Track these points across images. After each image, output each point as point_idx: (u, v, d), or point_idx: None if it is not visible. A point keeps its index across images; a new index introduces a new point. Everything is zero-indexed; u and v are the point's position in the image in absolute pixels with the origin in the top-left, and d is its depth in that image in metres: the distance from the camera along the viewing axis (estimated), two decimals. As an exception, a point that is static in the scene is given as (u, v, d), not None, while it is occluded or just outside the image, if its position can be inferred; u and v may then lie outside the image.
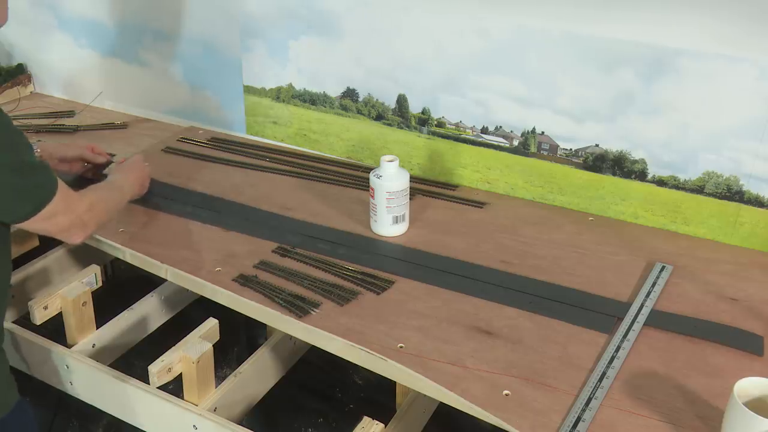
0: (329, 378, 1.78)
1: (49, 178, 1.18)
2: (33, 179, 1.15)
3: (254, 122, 1.95)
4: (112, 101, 2.13)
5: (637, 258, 1.44)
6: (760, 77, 1.34)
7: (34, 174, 1.16)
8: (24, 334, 1.48)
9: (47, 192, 1.17)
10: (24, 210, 1.16)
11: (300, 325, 1.26)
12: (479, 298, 1.32)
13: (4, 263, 1.23)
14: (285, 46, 1.81)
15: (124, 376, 1.40)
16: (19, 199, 1.15)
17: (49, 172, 1.19)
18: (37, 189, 1.17)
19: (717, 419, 1.01)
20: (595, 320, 1.27)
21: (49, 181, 1.18)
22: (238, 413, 1.44)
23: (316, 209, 1.61)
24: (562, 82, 1.52)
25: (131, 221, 1.55)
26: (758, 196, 1.43)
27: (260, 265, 1.41)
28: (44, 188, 1.17)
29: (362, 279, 1.37)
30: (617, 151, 1.53)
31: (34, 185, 1.16)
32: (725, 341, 1.21)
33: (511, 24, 1.53)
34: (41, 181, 1.17)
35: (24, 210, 1.16)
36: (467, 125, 1.67)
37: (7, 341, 1.46)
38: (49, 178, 1.18)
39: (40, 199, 1.17)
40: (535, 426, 1.06)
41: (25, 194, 1.15)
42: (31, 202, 1.16)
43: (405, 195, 1.48)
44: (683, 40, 1.38)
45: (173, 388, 1.39)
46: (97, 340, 1.51)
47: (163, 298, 1.65)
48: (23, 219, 1.17)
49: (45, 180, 1.18)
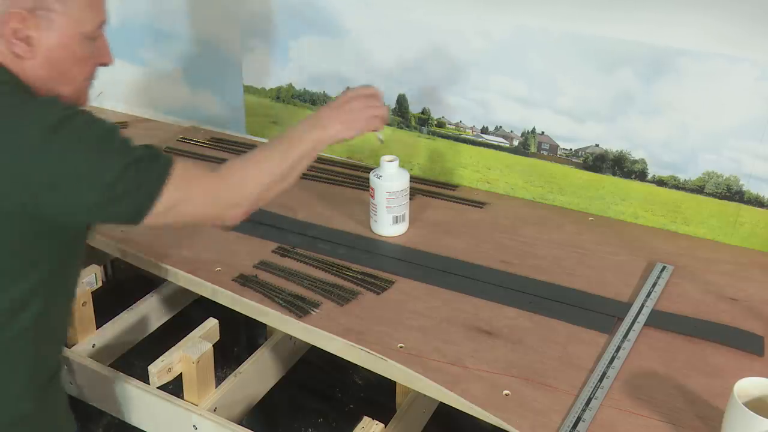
0: (329, 378, 1.78)
1: (149, 174, 1.01)
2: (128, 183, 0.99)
3: (254, 122, 1.95)
4: (112, 101, 2.13)
5: (637, 258, 1.44)
6: (760, 77, 1.34)
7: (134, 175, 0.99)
8: (24, 334, 1.48)
9: (149, 189, 1.01)
10: (126, 216, 1.01)
11: (300, 325, 1.26)
12: (479, 298, 1.32)
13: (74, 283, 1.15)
14: (285, 46, 1.81)
15: (124, 376, 1.40)
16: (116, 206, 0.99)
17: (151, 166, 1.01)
18: (134, 192, 1.00)
19: (717, 419, 1.01)
20: (595, 320, 1.27)
21: (150, 177, 1.01)
22: (238, 413, 1.44)
23: (316, 209, 1.61)
24: (562, 82, 1.52)
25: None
26: (758, 196, 1.43)
27: (260, 265, 1.41)
28: (143, 188, 1.00)
29: (362, 279, 1.37)
30: (617, 151, 1.53)
31: (129, 190, 0.99)
32: (725, 341, 1.21)
33: (511, 24, 1.53)
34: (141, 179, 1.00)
35: (126, 216, 1.01)
36: (467, 125, 1.67)
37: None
38: (149, 175, 1.01)
39: (141, 201, 1.01)
40: (535, 426, 1.06)
41: (121, 202, 0.99)
42: (132, 207, 1.00)
43: (405, 195, 1.48)
44: (683, 40, 1.38)
45: (173, 388, 1.39)
46: (97, 340, 1.51)
47: (163, 298, 1.65)
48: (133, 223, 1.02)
49: (145, 177, 1.00)
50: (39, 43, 1.02)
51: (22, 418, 1.08)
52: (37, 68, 1.03)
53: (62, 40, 1.03)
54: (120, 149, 1.00)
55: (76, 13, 1.03)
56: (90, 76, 1.11)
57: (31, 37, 1.01)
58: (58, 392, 1.16)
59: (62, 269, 1.09)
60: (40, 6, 1.00)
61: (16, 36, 1.00)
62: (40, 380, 1.10)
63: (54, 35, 1.02)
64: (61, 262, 1.08)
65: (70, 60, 1.05)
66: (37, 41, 1.01)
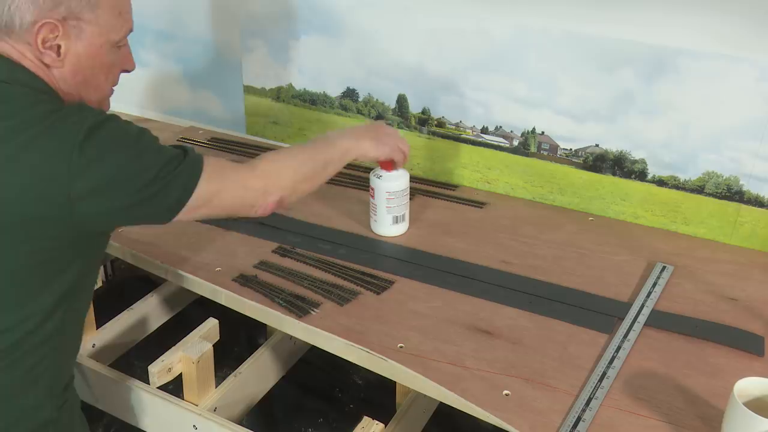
0: (329, 378, 1.78)
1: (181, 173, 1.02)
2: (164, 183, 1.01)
3: (254, 122, 1.95)
4: (113, 101, 2.12)
5: (637, 258, 1.44)
6: (760, 77, 1.34)
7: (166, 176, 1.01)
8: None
9: (186, 185, 1.03)
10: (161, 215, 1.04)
11: (300, 325, 1.26)
12: (479, 298, 1.32)
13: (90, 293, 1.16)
14: (285, 46, 1.81)
15: (124, 376, 1.40)
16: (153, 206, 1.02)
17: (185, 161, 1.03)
18: (171, 190, 1.02)
19: (717, 419, 1.01)
20: (595, 320, 1.27)
21: (185, 174, 1.03)
22: (238, 413, 1.44)
23: (316, 209, 1.61)
24: (562, 82, 1.52)
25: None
26: (758, 196, 1.43)
27: (260, 265, 1.41)
28: (180, 185, 1.03)
29: (362, 279, 1.37)
30: (617, 151, 1.53)
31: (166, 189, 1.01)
32: (725, 341, 1.21)
33: (511, 24, 1.52)
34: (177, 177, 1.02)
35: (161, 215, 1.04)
36: (467, 125, 1.67)
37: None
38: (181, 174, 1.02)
39: (177, 198, 1.03)
40: (535, 426, 1.06)
41: (158, 201, 1.02)
42: (167, 205, 1.03)
43: (405, 195, 1.48)
44: (683, 40, 1.38)
45: (173, 388, 1.39)
46: (97, 340, 1.51)
47: (163, 298, 1.65)
48: (171, 218, 1.05)
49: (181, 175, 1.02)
50: (68, 52, 1.03)
51: (40, 426, 1.08)
52: (65, 76, 1.04)
53: (91, 49, 1.05)
54: (154, 150, 1.02)
55: (105, 22, 1.04)
56: (114, 83, 1.13)
57: (61, 46, 1.02)
58: (73, 398, 1.16)
59: (83, 278, 1.09)
60: (72, 16, 1.01)
61: (46, 45, 1.01)
62: (57, 389, 1.10)
63: (83, 44, 1.04)
64: (83, 271, 1.08)
65: (97, 68, 1.07)
66: (66, 50, 1.03)
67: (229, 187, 1.09)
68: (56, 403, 1.10)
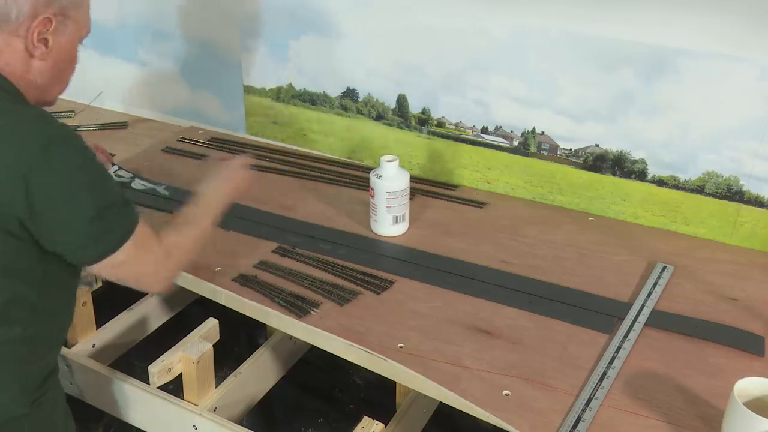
0: (329, 378, 1.78)
1: (121, 224, 1.06)
2: (108, 222, 1.04)
3: (254, 122, 1.95)
4: (112, 101, 2.13)
5: (637, 258, 1.44)
6: (760, 77, 1.34)
7: (111, 216, 1.04)
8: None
9: (116, 238, 1.05)
10: (86, 255, 1.05)
11: (300, 325, 1.26)
12: (479, 298, 1.32)
13: (72, 293, 1.17)
14: (285, 46, 1.81)
15: (124, 376, 1.40)
16: (87, 244, 1.04)
17: (128, 212, 1.07)
18: (110, 233, 1.04)
19: (717, 419, 1.01)
20: (595, 320, 1.27)
21: (121, 227, 1.06)
22: (238, 413, 1.44)
23: (316, 209, 1.61)
24: (562, 82, 1.52)
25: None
26: (758, 196, 1.43)
27: (260, 265, 1.41)
28: (112, 235, 1.05)
29: (362, 279, 1.37)
30: (617, 151, 1.53)
31: (108, 229, 1.04)
32: (725, 341, 1.21)
33: (511, 24, 1.53)
34: (116, 224, 1.05)
35: (86, 255, 1.05)
36: (467, 125, 1.67)
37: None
38: (121, 225, 1.06)
39: (105, 246, 1.05)
40: (535, 426, 1.06)
41: (97, 238, 1.04)
42: (94, 249, 1.04)
43: (405, 195, 1.48)
44: (683, 40, 1.38)
45: (173, 388, 1.39)
46: (97, 340, 1.51)
47: (163, 298, 1.65)
48: (91, 263, 1.06)
49: (117, 225, 1.05)
50: (54, 47, 1.08)
51: (16, 418, 1.08)
52: (45, 69, 1.09)
53: (69, 45, 1.11)
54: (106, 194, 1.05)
55: (82, 20, 1.12)
56: (71, 78, 1.18)
57: (49, 39, 1.07)
58: (54, 392, 1.16)
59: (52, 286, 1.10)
60: (61, 12, 1.07)
61: (39, 39, 1.06)
62: (33, 383, 1.11)
63: (65, 39, 1.10)
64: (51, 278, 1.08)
65: (69, 62, 1.13)
66: (53, 44, 1.08)
67: (142, 260, 1.10)
68: (32, 397, 1.10)
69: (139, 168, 1.75)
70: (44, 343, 1.12)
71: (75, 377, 1.45)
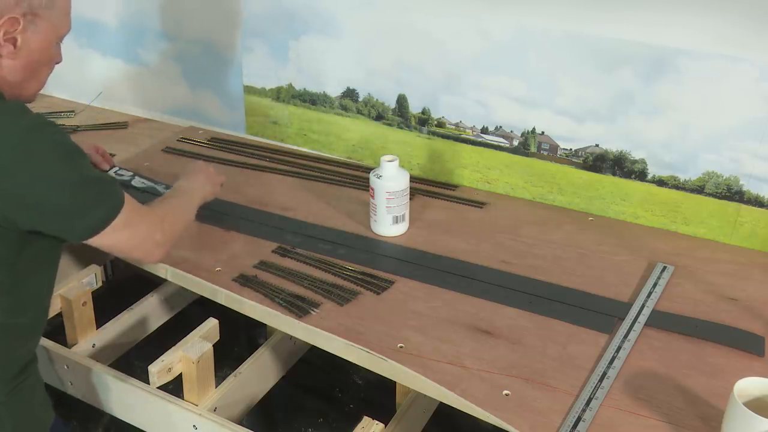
0: (329, 378, 1.78)
1: (114, 191, 1.11)
2: (96, 194, 1.08)
3: (254, 122, 1.95)
4: (112, 101, 2.13)
5: (637, 258, 1.44)
6: (760, 77, 1.34)
7: (97, 188, 1.09)
8: (24, 334, 1.48)
9: (112, 207, 1.10)
10: (87, 225, 1.08)
11: (300, 325, 1.26)
12: (479, 298, 1.32)
13: (50, 281, 1.18)
14: (285, 46, 1.81)
15: (124, 376, 1.40)
16: (79, 216, 1.07)
17: (115, 185, 1.12)
18: (100, 203, 1.09)
19: (717, 419, 1.01)
20: (595, 320, 1.27)
21: (114, 195, 1.11)
22: (238, 413, 1.44)
23: (316, 209, 1.61)
24: (562, 82, 1.52)
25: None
26: (758, 196, 1.43)
27: (260, 265, 1.41)
28: (108, 202, 1.10)
29: (362, 279, 1.37)
30: (617, 151, 1.53)
31: (97, 200, 1.09)
32: (725, 341, 1.21)
33: (511, 24, 1.53)
34: (105, 195, 1.10)
35: (87, 225, 1.08)
36: (467, 125, 1.67)
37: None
38: (114, 192, 1.11)
39: (105, 214, 1.09)
40: (535, 426, 1.06)
41: (87, 210, 1.07)
42: (93, 218, 1.08)
43: (405, 195, 1.48)
44: (683, 40, 1.38)
45: (173, 388, 1.39)
46: (97, 340, 1.51)
47: (163, 298, 1.65)
48: (88, 236, 1.10)
49: (109, 194, 1.10)
50: (23, 46, 1.09)
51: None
52: (16, 67, 1.10)
53: (42, 44, 1.12)
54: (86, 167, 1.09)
55: (57, 20, 1.13)
56: (48, 76, 1.19)
57: (18, 39, 1.08)
58: (32, 380, 1.18)
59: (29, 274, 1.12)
60: (31, 12, 1.08)
61: (6, 38, 1.07)
62: (11, 372, 1.13)
63: (37, 39, 1.11)
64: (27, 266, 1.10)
65: (44, 61, 1.14)
66: (22, 43, 1.09)
67: (140, 225, 1.17)
68: (7, 387, 1.12)
69: (139, 168, 1.75)
70: (21, 333, 1.14)
71: (75, 377, 1.45)
